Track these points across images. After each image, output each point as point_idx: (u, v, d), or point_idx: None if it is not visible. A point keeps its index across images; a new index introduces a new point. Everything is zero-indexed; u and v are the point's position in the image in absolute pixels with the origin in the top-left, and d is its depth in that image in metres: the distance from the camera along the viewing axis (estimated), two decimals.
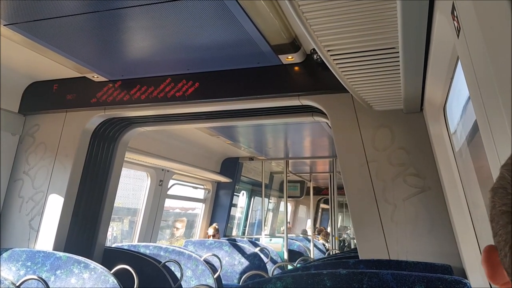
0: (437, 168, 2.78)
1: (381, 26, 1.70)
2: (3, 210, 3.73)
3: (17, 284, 2.88)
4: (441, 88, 2.29)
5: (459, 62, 1.83)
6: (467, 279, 2.12)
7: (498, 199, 0.66)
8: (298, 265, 5.21)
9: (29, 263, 3.24)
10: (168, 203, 6.76)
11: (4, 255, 3.33)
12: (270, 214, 11.77)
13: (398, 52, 1.89)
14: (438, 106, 2.57)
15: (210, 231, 7.11)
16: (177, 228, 7.07)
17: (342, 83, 2.42)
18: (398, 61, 1.99)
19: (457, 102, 2.27)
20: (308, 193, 10.06)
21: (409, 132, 2.98)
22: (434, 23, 1.58)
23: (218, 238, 6.93)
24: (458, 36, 1.22)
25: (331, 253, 7.89)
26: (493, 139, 1.09)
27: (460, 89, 2.04)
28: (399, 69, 2.09)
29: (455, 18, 1.20)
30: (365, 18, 1.65)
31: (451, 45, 1.69)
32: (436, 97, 2.46)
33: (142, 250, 4.75)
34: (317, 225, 13.35)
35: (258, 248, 6.56)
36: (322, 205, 14.22)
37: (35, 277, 3.06)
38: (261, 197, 8.22)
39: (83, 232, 3.90)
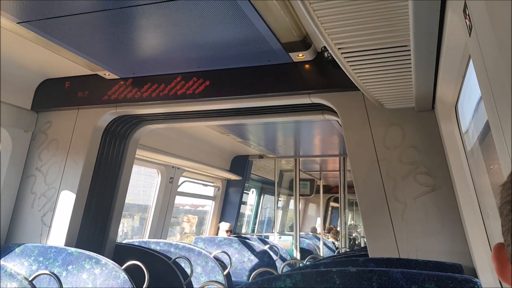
0: (448, 167, 2.76)
1: (392, 24, 1.69)
2: (15, 206, 3.78)
3: (29, 279, 2.92)
4: (453, 86, 2.28)
5: (471, 61, 1.82)
6: (477, 278, 2.11)
7: (505, 191, 0.72)
8: (308, 263, 5.21)
9: (41, 258, 3.28)
10: (178, 200, 6.79)
11: (17, 250, 3.38)
12: (280, 212, 11.77)
13: (409, 50, 1.88)
14: (450, 104, 2.56)
15: (226, 226, 7.14)
16: (189, 224, 7.12)
17: (353, 81, 2.41)
18: (410, 59, 1.98)
19: (469, 101, 2.25)
20: (318, 191, 10.03)
21: (420, 130, 2.96)
22: (446, 21, 1.57)
23: (229, 236, 6.97)
24: (470, 34, 1.21)
25: (340, 251, 7.88)
26: (504, 139, 1.08)
27: (472, 88, 2.02)
28: (410, 67, 2.08)
29: (467, 17, 1.19)
30: (376, 16, 1.64)
31: (463, 43, 1.68)
32: (447, 95, 2.45)
33: (152, 246, 4.78)
34: (327, 224, 13.31)
35: (268, 245, 6.57)
36: (332, 204, 14.17)
37: (47, 272, 3.09)
38: (271, 195, 8.22)
39: (94, 228, 3.94)
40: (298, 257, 7.38)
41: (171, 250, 4.80)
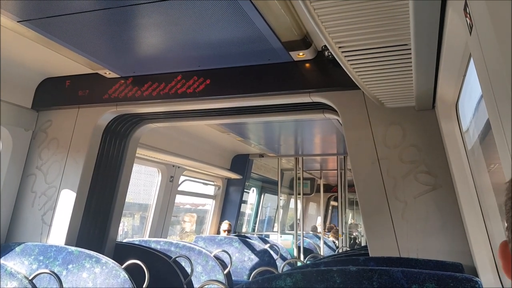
0: (449, 166, 2.76)
1: (393, 22, 1.69)
2: (16, 205, 3.78)
3: (29, 278, 2.92)
4: (453, 85, 2.28)
5: (472, 59, 1.82)
6: (478, 277, 2.11)
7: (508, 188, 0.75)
8: (308, 262, 5.21)
9: (41, 257, 3.28)
10: (179, 199, 6.79)
11: (17, 249, 3.38)
12: (280, 211, 11.77)
13: (410, 49, 1.87)
14: (450, 103, 2.56)
15: (225, 226, 7.14)
16: (190, 222, 7.13)
17: (354, 80, 2.41)
18: (410, 58, 1.97)
19: (469, 99, 2.25)
20: (318, 191, 10.03)
21: (420, 129, 2.96)
22: (447, 20, 1.57)
23: (229, 235, 6.97)
24: (470, 33, 1.21)
25: (341, 251, 7.88)
26: (505, 137, 1.08)
27: (473, 86, 2.02)
28: (411, 66, 2.08)
29: (468, 15, 1.19)
30: (377, 15, 1.64)
31: (464, 42, 1.67)
32: (448, 94, 2.44)
33: (153, 246, 4.78)
34: (328, 223, 13.30)
35: (268, 245, 6.56)
36: (332, 203, 14.15)
37: (48, 271, 3.09)
38: (271, 193, 8.20)
39: (94, 227, 3.94)
40: (300, 256, 7.38)
41: (171, 249, 4.80)
